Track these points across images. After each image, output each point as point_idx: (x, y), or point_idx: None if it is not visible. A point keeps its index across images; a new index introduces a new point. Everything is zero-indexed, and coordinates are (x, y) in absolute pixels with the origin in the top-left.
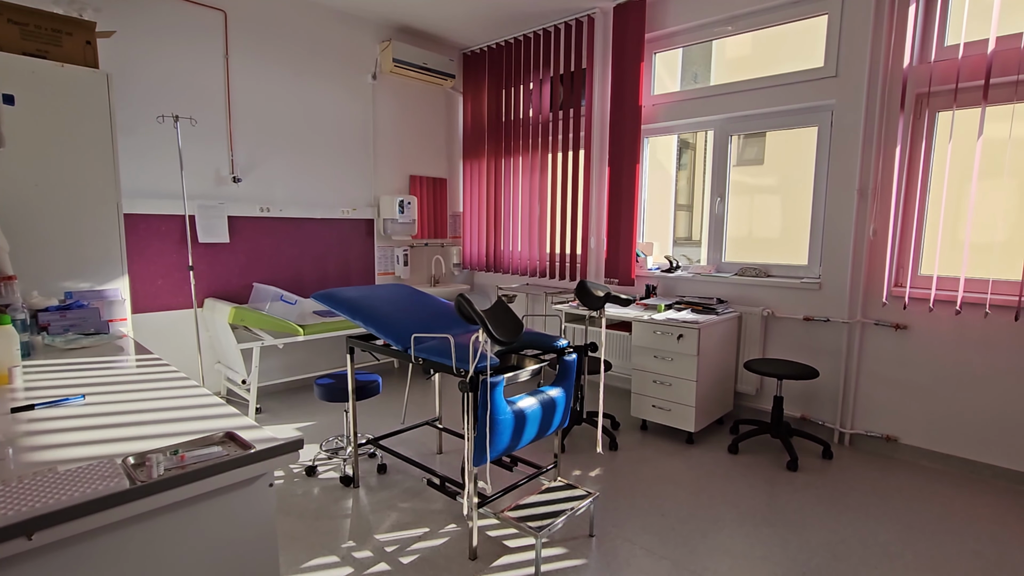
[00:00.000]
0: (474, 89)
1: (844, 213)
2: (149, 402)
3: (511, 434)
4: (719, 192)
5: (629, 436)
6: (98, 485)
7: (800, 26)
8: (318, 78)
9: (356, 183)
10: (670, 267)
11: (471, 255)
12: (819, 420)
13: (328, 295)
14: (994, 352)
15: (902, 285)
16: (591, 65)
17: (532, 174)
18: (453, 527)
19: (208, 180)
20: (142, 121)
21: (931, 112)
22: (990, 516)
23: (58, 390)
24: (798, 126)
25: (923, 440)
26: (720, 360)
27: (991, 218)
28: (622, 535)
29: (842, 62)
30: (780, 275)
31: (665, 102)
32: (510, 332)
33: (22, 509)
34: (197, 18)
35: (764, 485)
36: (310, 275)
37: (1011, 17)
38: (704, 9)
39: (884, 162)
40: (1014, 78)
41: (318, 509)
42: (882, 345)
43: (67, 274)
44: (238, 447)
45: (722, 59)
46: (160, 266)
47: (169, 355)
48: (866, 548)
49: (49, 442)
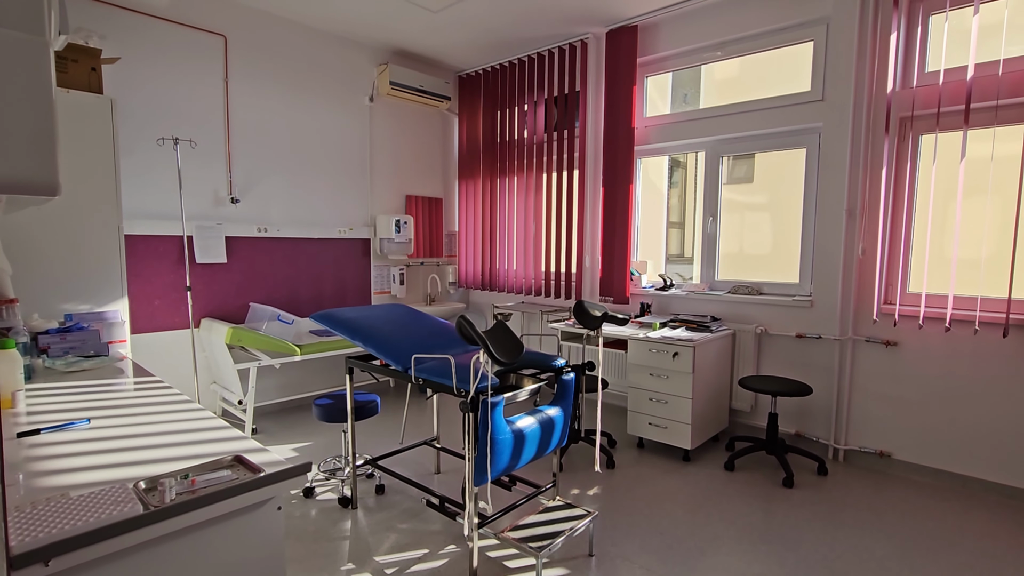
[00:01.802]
0: (469, 110)
1: (833, 232)
2: (154, 425)
3: (511, 454)
4: (711, 212)
5: (626, 454)
6: (112, 510)
7: (787, 51)
8: (316, 100)
9: (353, 203)
10: (664, 285)
11: (467, 274)
12: (813, 436)
13: (327, 315)
14: (984, 368)
15: (891, 302)
16: (584, 88)
17: (527, 194)
18: (453, 548)
19: (206, 201)
20: (142, 143)
21: (915, 135)
22: (982, 530)
23: (62, 414)
24: (787, 148)
25: (916, 455)
26: (715, 377)
27: (976, 237)
28: (621, 554)
29: (828, 86)
30: (772, 293)
31: (657, 124)
32: (511, 353)
33: (39, 536)
34: (198, 43)
35: (761, 502)
36: (306, 295)
37: (988, 45)
38: (694, 35)
39: (871, 183)
40: (993, 103)
41: (316, 531)
42: (874, 362)
43: (67, 296)
44: (247, 470)
45: (711, 81)
46: (158, 287)
47: (165, 376)
48: (863, 564)
49: (58, 467)
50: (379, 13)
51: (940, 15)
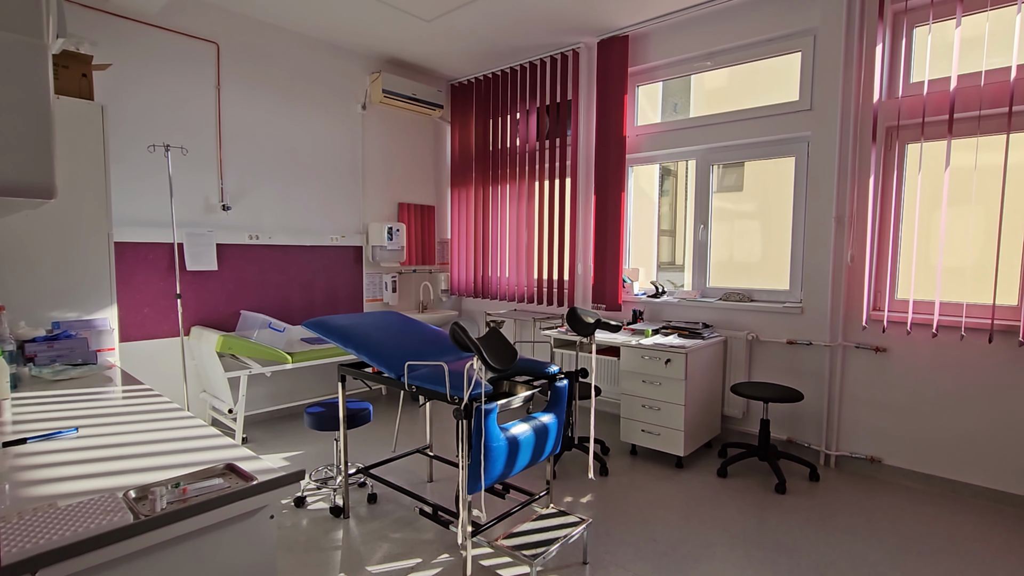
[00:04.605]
0: (462, 119)
1: (823, 240)
2: (144, 434)
3: (505, 461)
4: (702, 219)
5: (619, 461)
6: (101, 520)
7: (775, 61)
8: (308, 108)
9: (345, 211)
10: (656, 292)
11: (459, 281)
12: (805, 442)
13: (319, 323)
14: (970, 373)
15: (880, 309)
16: (576, 96)
17: (519, 202)
18: (446, 557)
19: (197, 208)
20: (133, 150)
21: (901, 144)
22: (972, 535)
23: (49, 423)
24: (776, 156)
25: (906, 461)
26: (707, 384)
27: (961, 244)
28: (615, 562)
29: (816, 96)
30: (763, 300)
31: (649, 132)
32: (505, 359)
33: (26, 546)
34: (190, 50)
35: (753, 508)
36: (298, 302)
37: (970, 56)
38: (684, 45)
39: (859, 191)
40: (976, 113)
41: (308, 541)
42: (863, 368)
43: (55, 304)
44: (239, 479)
45: (701, 90)
46: (147, 294)
47: (154, 384)
48: (856, 569)
49: (45, 476)
50: (372, 22)
51: (924, 27)
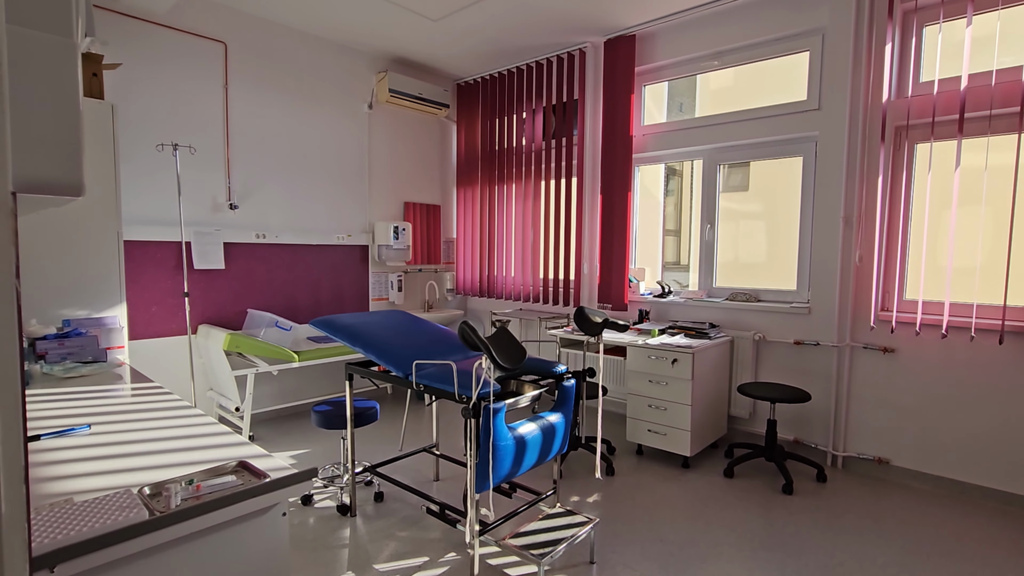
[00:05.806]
0: (468, 118)
1: (830, 240)
2: (155, 431)
3: (513, 460)
4: (709, 219)
5: (625, 461)
6: (117, 516)
7: (780, 60)
8: (315, 108)
9: (351, 210)
10: (662, 292)
11: (465, 281)
12: (812, 443)
13: (327, 321)
14: (980, 375)
15: (888, 309)
16: (583, 96)
17: (525, 201)
18: (453, 556)
19: (205, 207)
20: (141, 149)
21: (910, 144)
22: (981, 537)
23: (61, 420)
24: (784, 156)
25: (914, 462)
26: (713, 384)
27: (971, 244)
28: (622, 561)
29: (824, 96)
30: (770, 300)
31: (655, 132)
32: (513, 358)
33: (44, 541)
34: (199, 50)
35: (760, 509)
36: (304, 301)
37: (981, 56)
38: (692, 44)
39: (867, 191)
40: (987, 113)
41: (315, 539)
42: (871, 368)
43: (65, 301)
44: (252, 476)
45: (706, 90)
46: (155, 293)
47: (162, 382)
48: (864, 571)
49: (59, 473)
50: (379, 21)
51: (934, 26)
